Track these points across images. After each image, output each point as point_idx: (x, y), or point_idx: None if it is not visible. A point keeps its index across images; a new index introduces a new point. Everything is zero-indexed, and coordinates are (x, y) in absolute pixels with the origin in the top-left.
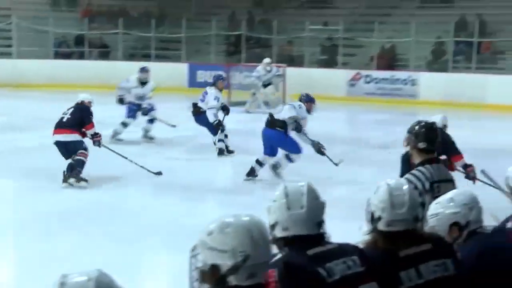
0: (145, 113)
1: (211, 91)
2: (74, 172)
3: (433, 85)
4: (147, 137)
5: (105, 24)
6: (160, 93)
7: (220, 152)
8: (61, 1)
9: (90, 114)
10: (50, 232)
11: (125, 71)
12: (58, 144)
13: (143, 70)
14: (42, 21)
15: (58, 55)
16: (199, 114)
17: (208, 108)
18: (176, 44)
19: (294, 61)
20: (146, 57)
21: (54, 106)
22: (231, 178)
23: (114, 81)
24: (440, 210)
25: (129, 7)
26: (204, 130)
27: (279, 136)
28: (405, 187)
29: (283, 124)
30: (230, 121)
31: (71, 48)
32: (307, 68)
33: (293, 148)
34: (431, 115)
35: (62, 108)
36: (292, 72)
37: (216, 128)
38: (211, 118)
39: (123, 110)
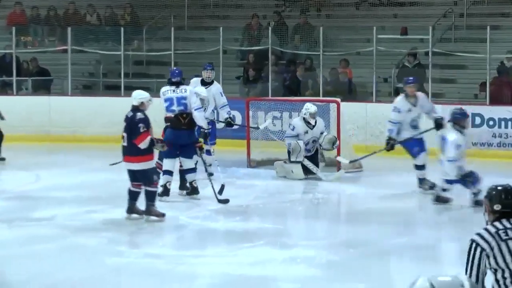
0: (231, 123)
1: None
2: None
3: None
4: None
5: (44, 37)
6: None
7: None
8: None
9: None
10: None
11: (77, 111)
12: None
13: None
14: None
15: None
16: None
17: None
18: (161, 67)
19: (354, 91)
20: (112, 88)
21: None
22: None
23: (58, 130)
24: None
25: (82, 10)
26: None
27: None
28: None
29: None
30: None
31: None
32: (376, 103)
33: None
34: None
35: None
36: (350, 108)
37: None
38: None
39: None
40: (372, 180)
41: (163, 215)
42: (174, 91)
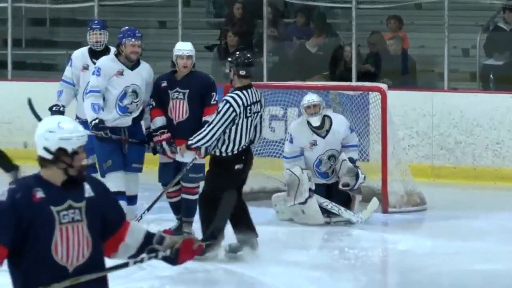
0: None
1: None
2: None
3: None
4: None
5: None
6: None
7: None
8: None
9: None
10: None
11: None
12: None
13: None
14: None
15: None
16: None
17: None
18: (77, 29)
19: (412, 71)
20: None
21: None
22: None
23: None
24: None
25: None
26: None
27: None
28: None
29: None
30: None
31: None
32: (449, 93)
33: None
34: None
35: None
36: (404, 100)
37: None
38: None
39: None
40: (442, 226)
41: None
42: None
